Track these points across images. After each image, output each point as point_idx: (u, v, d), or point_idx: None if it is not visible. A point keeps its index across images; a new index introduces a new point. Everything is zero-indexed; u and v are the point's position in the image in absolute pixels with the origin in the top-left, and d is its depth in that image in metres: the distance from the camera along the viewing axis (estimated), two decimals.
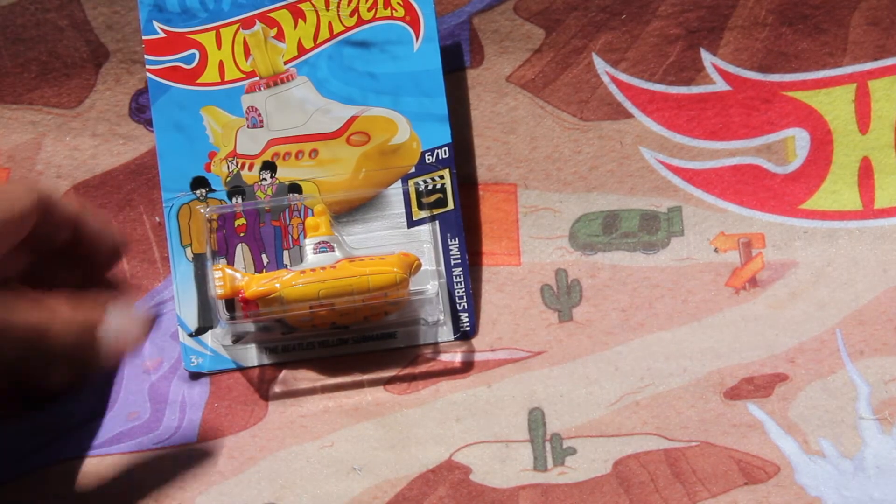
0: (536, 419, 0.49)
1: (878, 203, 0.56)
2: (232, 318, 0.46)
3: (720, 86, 0.56)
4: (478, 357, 0.52)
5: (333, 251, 0.47)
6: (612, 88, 0.56)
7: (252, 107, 0.47)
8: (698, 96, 0.56)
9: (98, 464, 0.48)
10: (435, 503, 0.46)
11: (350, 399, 0.50)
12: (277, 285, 0.45)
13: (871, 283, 0.54)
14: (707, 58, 0.56)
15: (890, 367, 0.50)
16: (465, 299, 0.50)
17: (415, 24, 0.48)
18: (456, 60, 0.56)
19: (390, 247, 0.49)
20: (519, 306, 0.54)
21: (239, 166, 0.48)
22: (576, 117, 0.57)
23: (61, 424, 0.49)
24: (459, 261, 0.50)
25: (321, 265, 0.46)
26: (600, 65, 0.56)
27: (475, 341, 0.52)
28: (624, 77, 0.56)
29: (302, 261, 0.48)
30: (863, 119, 0.56)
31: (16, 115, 0.56)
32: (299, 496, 0.46)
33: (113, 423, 0.49)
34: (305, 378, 0.50)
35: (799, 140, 0.56)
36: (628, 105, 0.56)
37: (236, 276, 0.46)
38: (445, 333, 0.50)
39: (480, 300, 0.54)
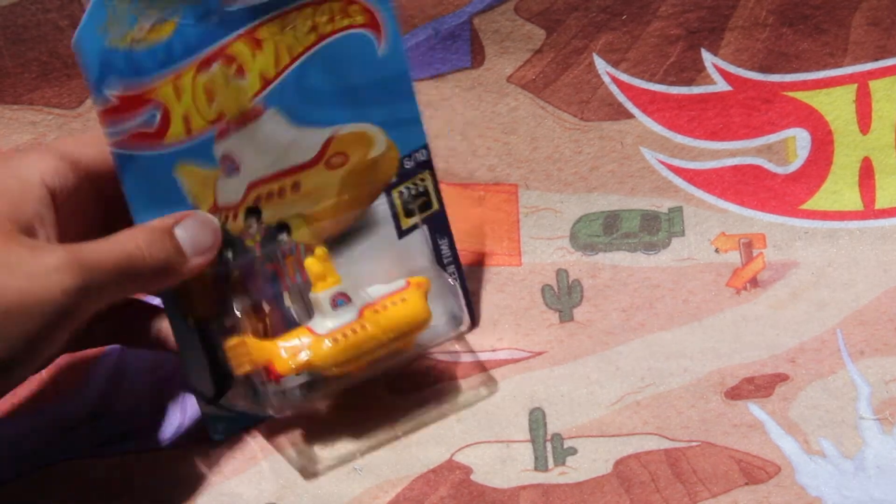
0: (537, 419, 0.49)
1: (878, 203, 0.56)
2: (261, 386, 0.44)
3: (721, 86, 0.56)
4: (479, 357, 0.52)
5: (350, 301, 0.44)
6: (613, 89, 0.56)
7: (225, 154, 0.43)
8: (699, 96, 0.56)
9: (99, 464, 0.48)
10: (436, 503, 0.45)
11: (350, 399, 0.50)
12: (306, 355, 0.43)
13: (871, 284, 0.54)
14: (708, 58, 0.56)
15: (890, 367, 0.50)
16: (461, 296, 0.48)
17: (376, 28, 0.44)
18: (457, 61, 0.56)
19: (381, 261, 0.47)
20: (520, 306, 0.54)
21: (223, 219, 0.44)
22: (576, 118, 0.57)
23: (62, 424, 0.49)
24: (451, 259, 0.50)
25: (345, 322, 0.44)
26: (601, 65, 0.56)
27: (476, 341, 0.52)
28: (625, 77, 0.56)
29: (310, 311, 0.45)
30: (864, 119, 0.56)
31: (16, 115, 0.56)
32: (300, 496, 0.46)
33: (114, 423, 0.49)
34: None
35: (800, 140, 0.56)
36: (629, 105, 0.57)
37: (253, 347, 0.43)
38: (446, 333, 0.49)
39: (480, 298, 0.54)
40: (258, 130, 0.44)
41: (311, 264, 0.45)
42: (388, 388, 0.50)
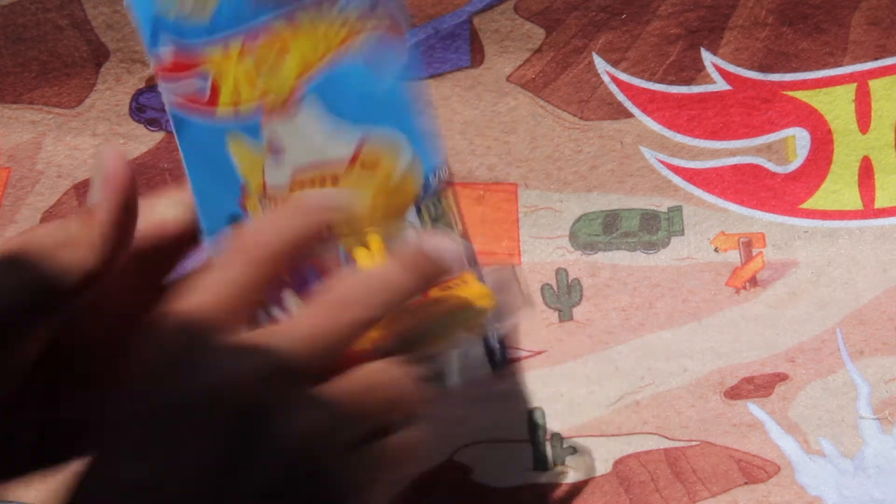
0: (537, 419, 0.49)
1: (878, 202, 0.56)
2: None
3: (720, 85, 0.56)
4: None
5: None
6: (613, 88, 0.56)
7: (272, 135, 0.44)
8: (699, 96, 0.56)
9: None
10: (435, 503, 0.46)
11: None
12: None
13: (871, 283, 0.54)
14: (707, 57, 0.56)
15: (890, 367, 0.50)
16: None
17: (399, 34, 0.47)
18: (456, 60, 0.56)
19: None
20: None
21: (273, 205, 0.45)
22: (576, 117, 0.57)
23: None
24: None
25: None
26: (601, 64, 0.56)
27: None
28: (624, 77, 0.56)
29: None
30: (863, 119, 0.56)
31: (16, 114, 0.56)
32: None
33: None
34: None
35: (799, 139, 0.56)
36: (629, 105, 0.56)
37: None
38: (483, 365, 0.46)
39: None
40: (299, 115, 0.44)
41: (364, 255, 0.43)
42: None
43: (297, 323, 0.34)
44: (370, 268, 0.39)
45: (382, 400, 0.34)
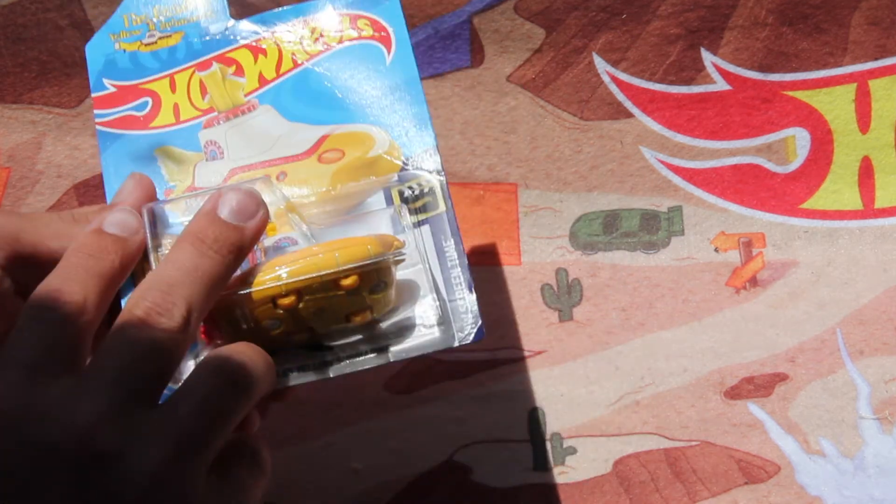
0: (537, 419, 0.49)
1: (878, 203, 0.56)
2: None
3: (720, 85, 0.56)
4: (478, 357, 0.52)
5: (297, 244, 0.41)
6: (613, 88, 0.56)
7: (211, 140, 0.44)
8: (699, 96, 0.56)
9: None
10: (436, 503, 0.46)
11: (350, 399, 0.50)
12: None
13: (871, 283, 0.54)
14: (707, 57, 0.56)
15: (890, 367, 0.50)
16: (465, 301, 0.43)
17: (385, 40, 0.44)
18: (456, 60, 0.56)
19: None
20: (519, 306, 0.54)
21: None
22: (576, 117, 0.57)
23: None
24: (457, 262, 0.47)
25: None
26: (601, 64, 0.56)
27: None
28: (624, 77, 0.56)
29: None
30: (863, 119, 0.56)
31: (16, 114, 0.56)
32: (300, 496, 0.46)
33: None
34: None
35: (799, 140, 0.56)
36: (629, 105, 0.56)
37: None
38: (446, 340, 0.42)
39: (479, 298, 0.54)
40: (248, 122, 0.44)
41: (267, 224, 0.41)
42: (387, 388, 0.50)
43: (121, 341, 0.33)
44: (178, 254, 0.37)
45: (223, 413, 0.34)
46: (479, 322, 0.44)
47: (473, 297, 0.44)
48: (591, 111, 0.57)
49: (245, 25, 0.44)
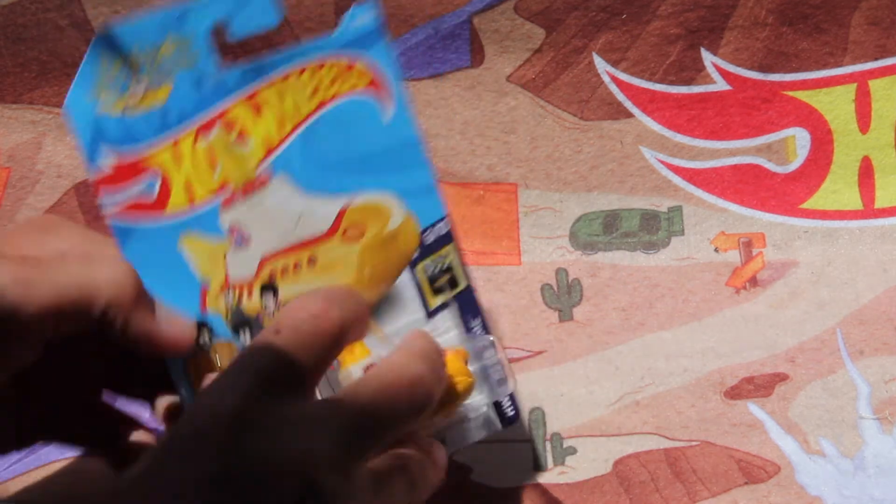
0: (537, 419, 0.49)
1: (878, 203, 0.56)
2: None
3: (720, 85, 0.56)
4: None
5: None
6: (613, 88, 0.56)
7: (233, 226, 0.40)
8: (699, 96, 0.56)
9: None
10: (435, 503, 0.45)
11: None
12: None
13: (871, 283, 0.54)
14: (707, 57, 0.56)
15: (890, 367, 0.50)
16: (488, 349, 0.44)
17: (382, 93, 0.41)
18: (456, 60, 0.56)
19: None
20: (519, 306, 0.54)
21: (237, 297, 0.40)
22: (576, 117, 0.57)
23: None
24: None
25: None
26: (601, 64, 0.56)
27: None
28: (624, 77, 0.56)
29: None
30: (863, 119, 0.56)
31: (16, 114, 0.56)
32: None
33: None
34: None
35: (799, 140, 0.56)
36: (629, 105, 0.57)
37: None
38: (492, 423, 0.44)
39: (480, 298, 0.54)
40: (266, 199, 0.40)
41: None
42: None
43: (375, 393, 0.34)
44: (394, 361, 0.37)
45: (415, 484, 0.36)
46: (516, 401, 0.44)
47: (492, 338, 0.44)
48: (591, 111, 0.57)
49: (236, 74, 0.39)
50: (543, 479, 0.47)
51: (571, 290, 0.55)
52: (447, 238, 0.43)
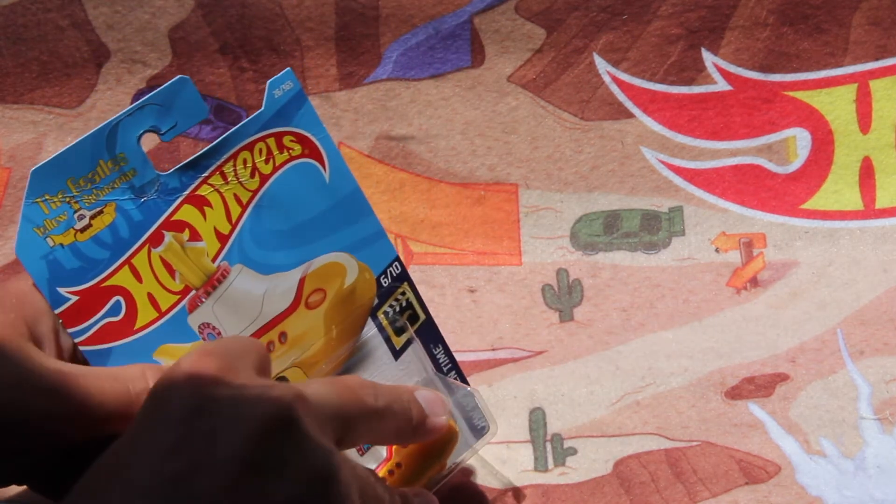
0: (537, 419, 0.49)
1: (879, 203, 0.56)
2: None
3: (721, 86, 0.56)
4: (479, 357, 0.52)
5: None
6: (614, 88, 0.56)
7: (203, 324, 0.41)
8: (699, 96, 0.56)
9: None
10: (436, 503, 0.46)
11: None
12: None
13: (872, 283, 0.54)
14: (708, 58, 0.56)
15: (891, 367, 0.50)
16: (467, 398, 0.45)
17: (315, 154, 0.42)
18: (457, 60, 0.56)
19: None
20: (520, 306, 0.54)
21: None
22: (577, 117, 0.57)
23: None
24: (450, 365, 0.47)
25: (379, 462, 0.42)
26: (601, 65, 0.56)
27: (476, 341, 0.52)
28: (625, 77, 0.56)
29: None
30: (864, 119, 0.56)
31: (17, 114, 0.56)
32: None
33: None
34: None
35: (800, 140, 0.56)
36: (629, 105, 0.56)
37: None
38: (468, 440, 0.46)
39: (480, 298, 0.54)
40: (230, 290, 0.41)
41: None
42: None
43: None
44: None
45: None
46: (484, 414, 0.46)
47: (471, 389, 0.45)
48: (592, 111, 0.57)
49: (175, 177, 0.39)
50: (543, 479, 0.47)
51: (572, 290, 0.55)
52: (402, 277, 0.44)
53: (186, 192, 0.40)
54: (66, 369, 0.35)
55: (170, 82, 0.38)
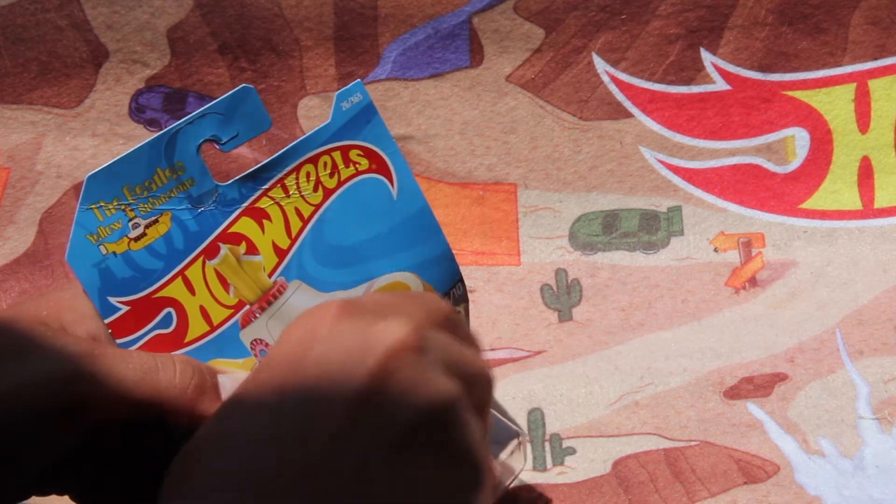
0: (536, 419, 0.49)
1: (877, 203, 0.56)
2: None
3: (720, 85, 0.56)
4: None
5: None
6: (612, 88, 0.56)
7: (256, 340, 0.40)
8: (698, 96, 0.56)
9: None
10: None
11: None
12: None
13: (870, 283, 0.54)
14: (707, 57, 0.56)
15: (889, 367, 0.50)
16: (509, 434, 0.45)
17: (384, 170, 0.40)
18: (456, 60, 0.56)
19: None
20: (519, 306, 0.54)
21: None
22: (576, 117, 0.57)
23: None
24: None
25: None
26: (600, 64, 0.56)
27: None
28: (624, 76, 0.56)
29: None
30: (863, 118, 0.56)
31: (16, 114, 0.56)
32: None
33: None
34: None
35: (799, 139, 0.56)
36: (628, 104, 0.57)
37: None
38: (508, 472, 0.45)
39: (480, 298, 0.54)
40: (286, 307, 0.40)
41: None
42: None
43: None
44: None
45: None
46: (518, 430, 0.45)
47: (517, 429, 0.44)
48: (591, 111, 0.57)
49: (235, 188, 0.38)
50: (543, 479, 0.47)
51: (571, 290, 0.55)
52: (463, 298, 0.43)
53: (245, 204, 0.38)
54: (97, 350, 0.34)
55: (232, 91, 0.37)
